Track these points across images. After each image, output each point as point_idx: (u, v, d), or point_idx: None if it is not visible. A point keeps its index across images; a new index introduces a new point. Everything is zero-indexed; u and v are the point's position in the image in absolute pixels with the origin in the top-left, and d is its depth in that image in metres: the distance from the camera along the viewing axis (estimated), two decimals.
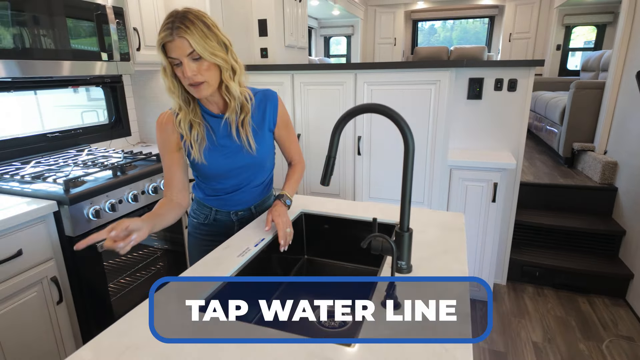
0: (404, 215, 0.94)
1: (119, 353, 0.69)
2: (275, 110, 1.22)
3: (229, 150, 1.17)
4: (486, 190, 2.17)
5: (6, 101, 1.89)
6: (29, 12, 1.53)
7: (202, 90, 1.04)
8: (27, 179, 1.59)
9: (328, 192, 2.45)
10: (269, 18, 2.66)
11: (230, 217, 1.30)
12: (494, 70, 2.24)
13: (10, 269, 1.31)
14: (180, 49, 0.97)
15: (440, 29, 7.41)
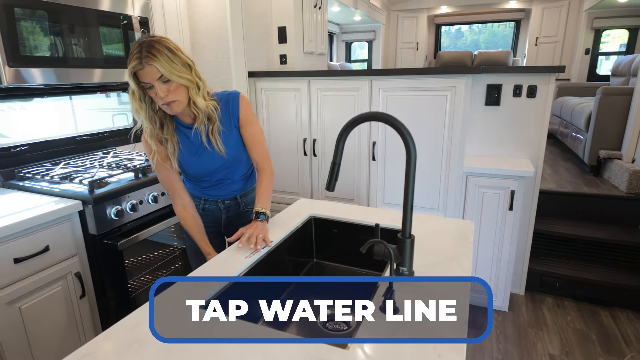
0: (405, 221, 0.96)
1: (127, 345, 0.74)
2: (236, 108, 1.31)
3: (206, 154, 1.31)
4: (503, 198, 2.13)
5: (42, 106, 2.01)
6: (64, 22, 1.64)
7: (174, 107, 1.17)
8: (56, 180, 1.69)
9: (342, 197, 2.48)
10: (288, 25, 2.72)
11: (218, 206, 1.44)
12: (513, 76, 2.21)
13: (37, 263, 1.40)
14: (150, 75, 1.09)
15: (468, 33, 7.29)
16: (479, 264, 2.27)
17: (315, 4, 2.95)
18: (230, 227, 1.47)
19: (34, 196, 1.59)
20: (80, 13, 1.69)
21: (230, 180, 1.41)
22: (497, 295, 2.28)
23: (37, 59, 1.55)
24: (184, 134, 1.29)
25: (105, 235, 1.61)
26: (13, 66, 1.46)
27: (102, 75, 1.82)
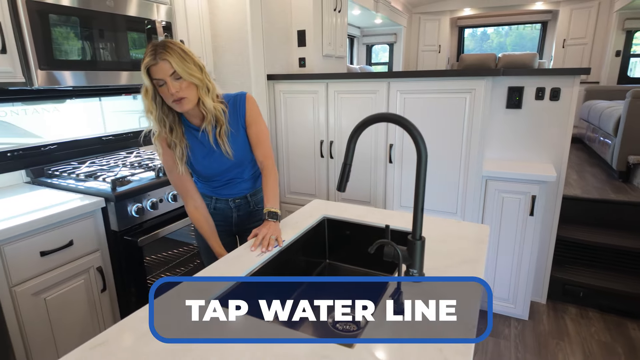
0: (416, 223, 0.95)
1: (138, 337, 0.76)
2: (243, 108, 1.34)
3: (215, 155, 1.34)
4: (524, 203, 2.08)
5: (72, 107, 2.11)
6: (94, 27, 1.71)
7: (183, 105, 1.19)
8: (81, 177, 1.76)
9: (358, 200, 2.47)
10: (307, 29, 2.75)
11: (229, 205, 1.47)
12: (535, 78, 2.15)
13: (62, 257, 1.46)
14: (163, 70, 1.13)
15: (494, 35, 7.15)
16: (498, 270, 2.22)
17: (335, 8, 2.97)
18: (241, 226, 1.50)
19: (60, 193, 1.66)
20: (110, 18, 1.76)
21: (240, 180, 1.44)
22: (517, 303, 2.22)
23: (68, 62, 1.63)
24: (194, 135, 1.32)
25: (126, 232, 1.67)
26: (44, 69, 1.53)
27: (128, 78, 1.89)
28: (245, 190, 1.46)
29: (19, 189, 1.72)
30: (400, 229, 1.26)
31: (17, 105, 1.87)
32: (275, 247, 1.17)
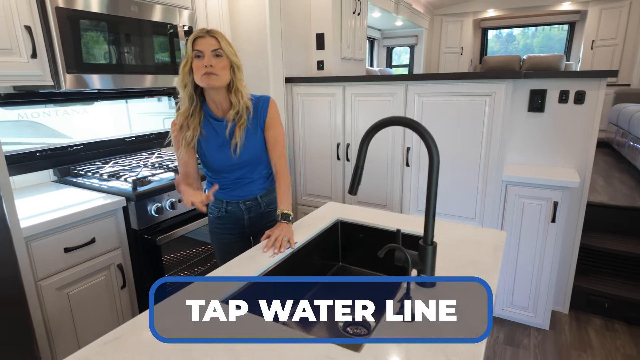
0: (427, 227, 0.94)
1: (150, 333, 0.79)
2: (265, 110, 1.36)
3: (225, 149, 1.33)
4: (545, 209, 2.02)
5: (99, 109, 2.19)
6: (122, 32, 1.78)
7: (212, 80, 1.22)
8: (104, 177, 1.83)
9: (375, 203, 2.46)
10: (326, 32, 2.76)
11: (240, 207, 1.44)
12: (559, 81, 2.09)
13: (85, 254, 1.52)
14: (208, 44, 1.20)
15: (520, 36, 6.96)
16: (517, 277, 2.16)
17: (354, 11, 2.97)
18: (253, 228, 1.48)
19: (84, 192, 1.72)
20: (135, 24, 1.83)
21: (249, 180, 1.41)
22: (537, 312, 2.15)
23: (94, 66, 1.69)
24: (211, 125, 1.32)
25: (146, 231, 1.71)
26: (71, 73, 1.60)
27: (152, 81, 1.95)
28: (256, 191, 1.44)
29: (46, 188, 1.80)
30: (413, 233, 1.25)
31: (49, 107, 1.96)
32: (287, 248, 1.18)
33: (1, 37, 1.41)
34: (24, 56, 1.47)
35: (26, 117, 1.90)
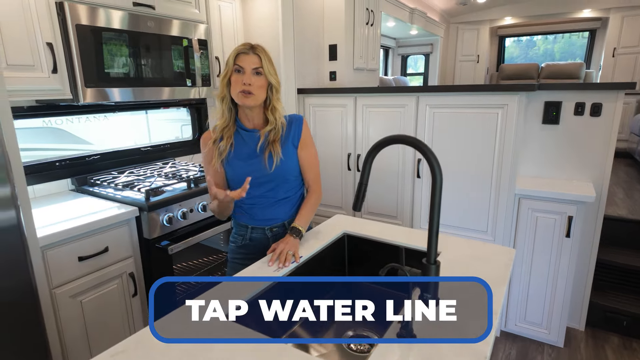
0: (431, 246, 0.94)
1: (154, 346, 0.81)
2: (299, 130, 1.36)
3: (254, 160, 1.32)
4: (559, 224, 1.98)
5: (115, 120, 2.26)
6: (136, 47, 1.83)
7: (249, 100, 1.24)
8: (119, 187, 1.88)
9: (385, 214, 2.45)
10: (339, 43, 2.78)
11: (265, 234, 1.39)
12: (574, 93, 2.06)
13: (98, 262, 1.56)
14: (250, 62, 1.22)
15: (540, 42, 6.81)
16: (530, 291, 2.11)
17: (367, 22, 2.99)
18: None
19: (100, 201, 1.78)
20: (151, 39, 1.88)
21: (274, 199, 1.37)
22: (551, 328, 2.10)
23: (110, 80, 1.75)
24: (241, 136, 1.33)
25: (158, 240, 1.75)
26: (90, 87, 1.66)
27: (168, 93, 2.00)
28: (283, 216, 1.39)
29: (64, 196, 1.86)
30: (420, 248, 1.24)
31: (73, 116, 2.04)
32: (292, 262, 1.19)
33: (25, 54, 1.47)
34: (45, 71, 1.54)
35: (50, 123, 1.98)
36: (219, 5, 2.28)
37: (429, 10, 5.26)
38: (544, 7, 5.75)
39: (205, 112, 2.70)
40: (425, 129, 2.21)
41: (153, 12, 1.90)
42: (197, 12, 2.14)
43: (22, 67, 1.47)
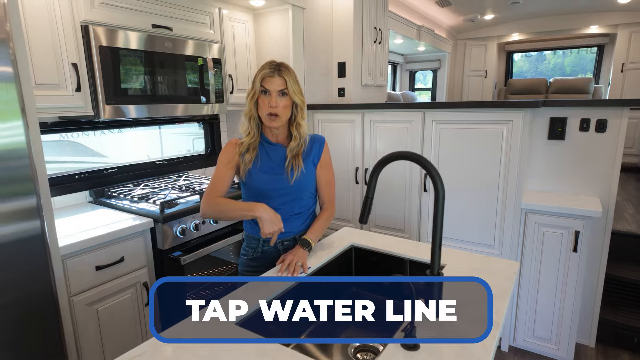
0: (434, 259, 0.98)
1: (173, 350, 0.85)
2: (320, 150, 1.43)
3: (275, 172, 1.38)
4: (566, 239, 1.99)
5: (133, 135, 2.36)
6: (155, 66, 1.93)
7: (275, 121, 1.31)
8: (135, 199, 1.95)
9: (392, 227, 2.48)
10: (347, 61, 2.87)
11: (277, 247, 1.43)
12: (580, 109, 2.09)
13: (114, 271, 1.62)
14: (276, 84, 1.28)
15: (551, 56, 6.82)
16: (538, 306, 2.11)
17: (375, 40, 3.08)
18: None
19: (116, 213, 1.85)
20: (168, 58, 1.98)
21: (289, 214, 1.40)
22: (560, 344, 2.09)
23: (130, 97, 1.83)
24: (265, 149, 1.39)
25: (171, 250, 1.81)
26: (110, 104, 1.75)
27: (183, 109, 2.09)
28: (295, 230, 1.43)
29: (82, 208, 1.94)
30: (426, 261, 1.27)
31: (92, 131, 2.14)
32: (300, 273, 1.23)
33: (51, 74, 1.57)
34: (69, 90, 1.63)
35: (67, 137, 2.08)
36: (233, 25, 2.38)
37: (436, 27, 5.35)
38: (551, 24, 5.81)
39: (218, 127, 2.79)
40: (431, 144, 2.26)
41: (170, 33, 2.00)
42: (211, 33, 2.24)
43: (48, 86, 1.57)
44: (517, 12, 5.47)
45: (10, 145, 1.19)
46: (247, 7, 2.45)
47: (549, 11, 5.51)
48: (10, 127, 1.19)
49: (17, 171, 1.21)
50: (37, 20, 1.51)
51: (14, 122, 1.19)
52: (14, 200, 1.21)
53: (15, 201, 1.21)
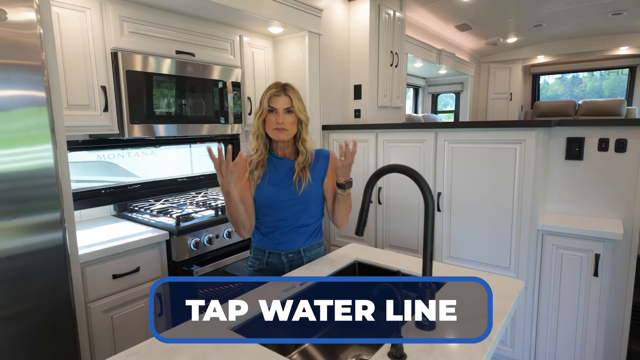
0: (425, 269, 0.99)
1: (166, 349, 0.90)
2: (326, 163, 1.49)
3: (283, 185, 1.44)
4: (586, 262, 1.92)
5: (163, 152, 2.50)
6: (178, 89, 2.07)
7: (282, 135, 1.39)
8: (154, 213, 2.06)
9: (406, 247, 2.46)
10: (363, 83, 2.95)
11: (281, 259, 1.47)
12: (597, 129, 2.05)
13: (130, 281, 1.70)
14: (282, 102, 1.37)
15: (587, 79, 6.64)
16: (559, 333, 2.02)
17: (391, 63, 3.15)
18: None
19: (136, 225, 1.95)
20: (192, 82, 2.12)
21: (294, 225, 1.46)
22: None
23: (154, 117, 1.97)
24: (273, 164, 1.47)
25: (184, 263, 1.88)
26: (134, 123, 1.88)
27: (202, 130, 2.21)
28: (299, 243, 1.47)
29: (106, 221, 2.06)
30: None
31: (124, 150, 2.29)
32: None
33: (83, 96, 1.72)
34: (98, 110, 1.78)
35: (104, 158, 2.23)
36: (253, 51, 2.52)
37: (457, 51, 5.39)
38: (578, 45, 5.72)
39: (237, 146, 2.90)
40: (444, 163, 2.26)
41: (193, 58, 2.14)
42: (232, 58, 2.38)
43: (79, 107, 1.72)
44: (541, 34, 5.43)
45: (40, 166, 1.30)
46: (266, 34, 2.59)
47: (574, 33, 5.44)
48: (40, 150, 1.29)
49: (44, 189, 1.31)
50: (73, 48, 1.68)
51: (45, 145, 1.30)
52: (39, 214, 1.31)
53: (40, 215, 1.31)
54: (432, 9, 3.95)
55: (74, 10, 1.68)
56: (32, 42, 1.25)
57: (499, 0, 3.97)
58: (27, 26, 1.24)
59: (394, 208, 2.51)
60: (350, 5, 3.02)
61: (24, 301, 1.29)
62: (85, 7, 1.71)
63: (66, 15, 1.65)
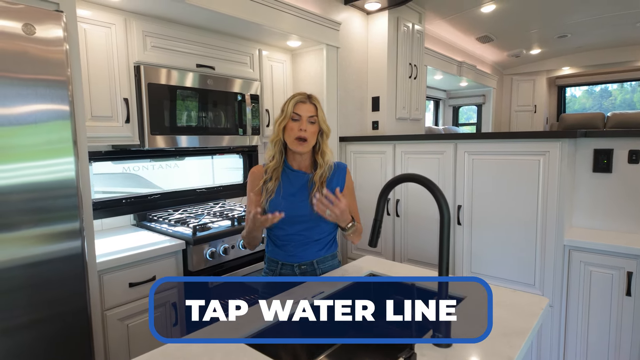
0: (441, 288, 0.95)
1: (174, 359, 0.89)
2: (343, 178, 1.46)
3: (297, 199, 1.41)
4: (617, 280, 1.81)
5: (187, 164, 2.56)
6: (197, 101, 2.11)
7: (303, 147, 1.38)
8: (172, 223, 2.08)
9: (426, 261, 2.40)
10: (381, 95, 2.94)
11: (294, 271, 1.44)
12: (626, 140, 1.96)
13: (146, 289, 1.71)
14: (307, 110, 1.37)
15: (617, 92, 6.41)
16: (590, 354, 1.90)
17: (410, 75, 3.13)
18: None
19: (154, 235, 1.97)
20: (211, 94, 2.16)
21: (308, 239, 1.43)
22: None
23: (173, 128, 2.01)
24: (287, 176, 1.45)
25: (200, 273, 1.89)
26: (154, 134, 1.93)
27: (220, 141, 2.25)
28: (312, 255, 1.45)
29: (126, 230, 2.10)
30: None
31: (151, 161, 2.36)
32: None
33: (106, 107, 1.78)
34: (120, 121, 1.83)
35: (129, 170, 2.30)
36: (271, 65, 2.56)
37: (479, 63, 5.32)
38: (605, 56, 5.55)
39: (256, 157, 2.93)
40: (464, 176, 2.21)
41: (213, 72, 2.19)
42: (251, 72, 2.42)
43: (102, 118, 1.77)
44: (565, 46, 5.31)
45: (62, 178, 1.33)
46: (285, 47, 2.63)
47: (600, 44, 5.29)
48: (63, 163, 1.33)
49: (65, 199, 1.34)
50: (98, 61, 1.74)
51: (67, 159, 1.34)
52: (59, 223, 1.34)
53: (60, 224, 1.34)
54: (452, 22, 3.93)
55: (100, 27, 1.75)
56: (58, 58, 1.30)
57: (521, 12, 3.90)
58: (55, 43, 1.29)
59: (413, 221, 2.46)
60: (368, 18, 3.04)
61: (41, 308, 1.31)
62: (111, 22, 1.78)
63: (93, 30, 1.72)
